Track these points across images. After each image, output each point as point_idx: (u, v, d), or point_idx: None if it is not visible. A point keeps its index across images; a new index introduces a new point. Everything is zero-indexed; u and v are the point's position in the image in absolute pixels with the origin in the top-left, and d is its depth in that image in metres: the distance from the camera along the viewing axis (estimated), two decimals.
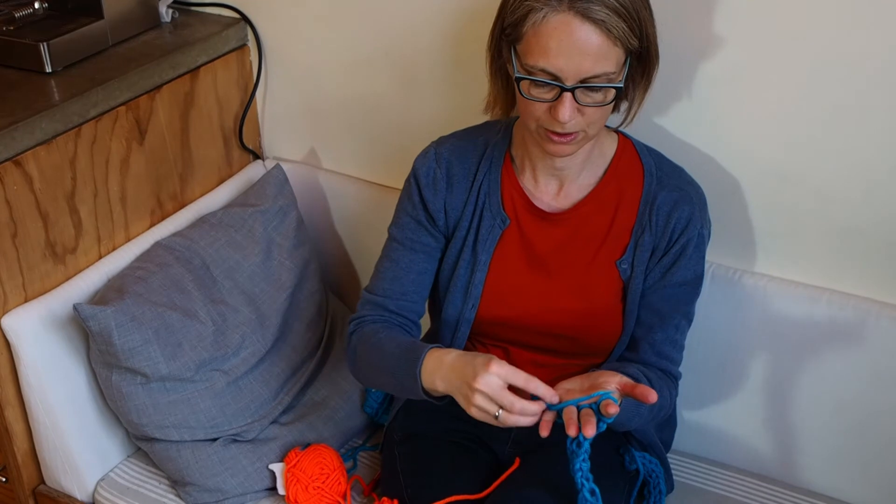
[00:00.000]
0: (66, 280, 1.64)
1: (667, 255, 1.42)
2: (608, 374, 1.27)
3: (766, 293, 1.57)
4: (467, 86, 1.68)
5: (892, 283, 1.52)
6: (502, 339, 1.50)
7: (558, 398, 1.24)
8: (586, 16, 1.20)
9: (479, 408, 1.24)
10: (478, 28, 1.52)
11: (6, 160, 1.49)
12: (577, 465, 1.26)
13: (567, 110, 1.25)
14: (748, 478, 1.67)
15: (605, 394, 1.22)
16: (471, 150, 1.46)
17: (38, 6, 1.71)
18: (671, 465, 1.62)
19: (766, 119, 1.50)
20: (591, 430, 1.20)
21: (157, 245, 1.72)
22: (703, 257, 1.44)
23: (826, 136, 1.47)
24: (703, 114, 1.53)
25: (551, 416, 1.25)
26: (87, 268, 1.67)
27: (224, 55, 1.84)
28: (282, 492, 1.60)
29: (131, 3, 1.78)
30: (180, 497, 1.63)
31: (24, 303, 1.58)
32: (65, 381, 1.61)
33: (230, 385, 1.66)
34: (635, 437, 1.51)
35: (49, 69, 1.64)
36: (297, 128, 1.95)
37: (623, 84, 1.27)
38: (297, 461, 1.59)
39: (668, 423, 1.62)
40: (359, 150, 1.90)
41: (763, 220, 1.57)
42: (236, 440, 1.64)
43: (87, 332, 1.57)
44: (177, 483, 1.64)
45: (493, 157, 1.45)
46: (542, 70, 1.24)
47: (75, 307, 1.52)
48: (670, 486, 1.58)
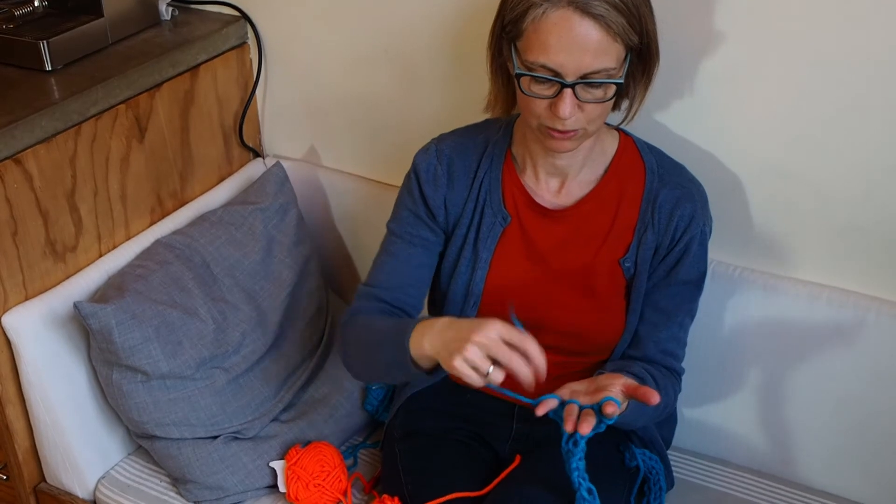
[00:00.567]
0: (67, 278, 1.64)
1: (671, 254, 1.42)
2: (613, 377, 1.27)
3: (766, 291, 1.57)
4: (467, 83, 1.68)
5: (893, 280, 1.52)
6: None
7: (545, 364, 1.21)
8: (586, 11, 1.21)
9: (469, 361, 1.18)
10: (477, 26, 1.52)
11: (6, 158, 1.49)
12: (573, 465, 1.26)
13: (567, 106, 1.25)
14: (748, 475, 1.68)
15: (608, 396, 1.22)
16: (472, 147, 1.46)
17: (37, 4, 1.71)
18: (671, 462, 1.62)
19: (767, 117, 1.50)
20: (586, 427, 1.19)
21: (158, 243, 1.72)
22: (706, 254, 1.45)
23: (826, 134, 1.47)
24: (703, 112, 1.53)
25: (553, 402, 1.23)
26: (88, 266, 1.66)
27: (224, 53, 1.84)
28: (282, 489, 1.60)
29: (131, 2, 1.78)
30: (181, 495, 1.63)
31: (25, 301, 1.57)
32: (65, 379, 1.61)
33: (231, 383, 1.66)
34: (636, 433, 1.52)
35: (49, 67, 1.64)
36: (297, 125, 1.95)
37: (623, 80, 1.27)
38: (298, 459, 1.59)
39: (669, 421, 1.62)
40: (359, 147, 1.90)
41: (763, 218, 1.57)
42: (237, 438, 1.64)
43: (87, 331, 1.57)
44: (177, 481, 1.64)
45: (494, 154, 1.45)
46: (543, 66, 1.24)
47: (76, 305, 1.52)
48: (670, 483, 1.58)
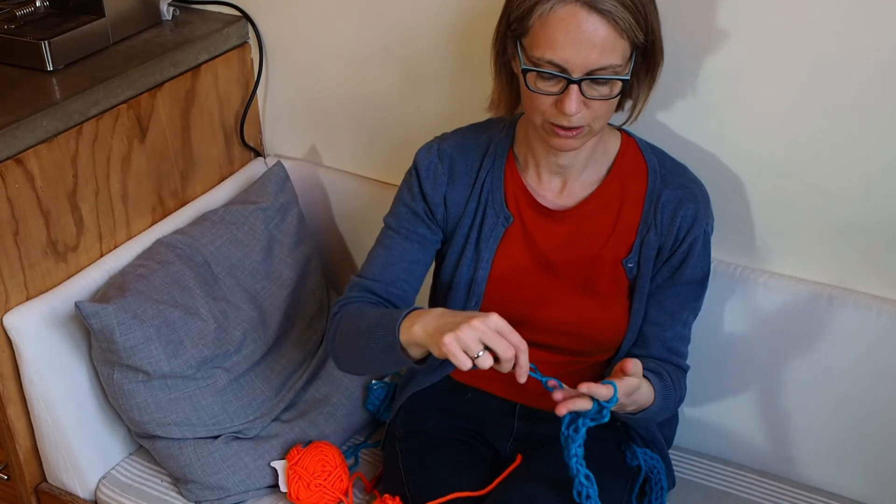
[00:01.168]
0: (68, 278, 1.64)
1: (674, 255, 1.42)
2: (626, 362, 1.27)
3: (767, 289, 1.57)
4: (469, 83, 1.68)
5: (894, 279, 1.52)
6: None
7: (526, 372, 1.20)
8: (593, 7, 1.21)
9: (460, 341, 1.16)
10: (480, 25, 1.52)
11: (7, 158, 1.49)
12: (572, 451, 1.26)
13: (573, 102, 1.25)
14: (749, 474, 1.68)
15: (606, 381, 1.24)
16: (474, 147, 1.46)
17: (39, 4, 1.71)
18: (672, 461, 1.62)
19: (768, 116, 1.50)
20: (580, 404, 1.21)
21: (159, 243, 1.72)
22: (710, 254, 1.45)
23: (827, 133, 1.47)
24: (704, 111, 1.53)
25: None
26: (89, 266, 1.67)
27: (225, 53, 1.84)
28: (283, 489, 1.60)
29: (132, 1, 1.78)
30: (182, 495, 1.63)
31: (26, 301, 1.57)
32: (66, 378, 1.61)
33: (232, 382, 1.66)
34: (637, 432, 1.52)
35: (50, 67, 1.64)
36: (298, 125, 1.95)
37: (629, 77, 1.27)
38: (299, 458, 1.59)
39: (670, 420, 1.62)
40: (360, 147, 1.90)
41: (764, 217, 1.57)
42: (238, 437, 1.64)
43: (88, 330, 1.57)
44: (178, 480, 1.64)
45: (497, 154, 1.45)
46: (549, 62, 1.24)
47: (77, 305, 1.52)
48: (672, 482, 1.58)
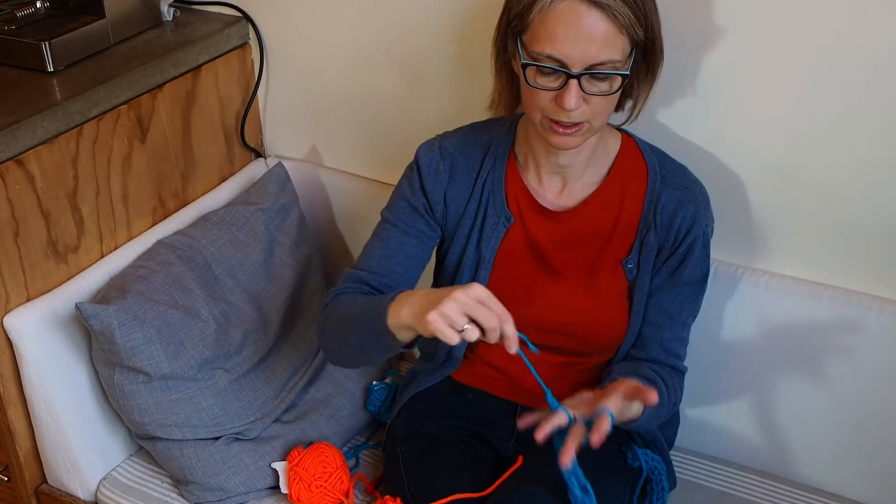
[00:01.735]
0: (68, 279, 1.64)
1: (674, 256, 1.42)
2: (617, 384, 1.27)
3: (767, 290, 1.57)
4: (469, 83, 1.68)
5: (894, 279, 1.52)
6: None
7: (515, 339, 1.20)
8: (593, 1, 1.22)
9: (444, 316, 1.16)
10: (480, 25, 1.52)
11: (8, 159, 1.49)
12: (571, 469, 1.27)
13: (573, 97, 1.25)
14: (750, 474, 1.68)
15: (602, 409, 1.23)
16: (475, 146, 1.46)
17: (39, 5, 1.71)
18: (673, 462, 1.62)
19: (768, 117, 1.50)
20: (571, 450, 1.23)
21: (159, 243, 1.72)
22: (709, 255, 1.45)
23: (827, 133, 1.47)
24: (704, 111, 1.53)
25: (563, 417, 1.24)
26: (89, 266, 1.67)
27: (225, 53, 1.84)
28: (284, 490, 1.60)
29: (133, 2, 1.78)
30: (183, 496, 1.63)
31: (27, 302, 1.57)
32: (67, 380, 1.61)
33: (232, 383, 1.66)
34: (638, 433, 1.51)
35: (51, 68, 1.64)
36: (298, 126, 1.95)
37: (629, 73, 1.27)
38: (300, 460, 1.59)
39: (671, 421, 1.62)
40: (360, 147, 1.90)
41: (765, 217, 1.57)
42: (238, 439, 1.64)
43: (89, 331, 1.57)
44: (179, 482, 1.64)
45: (498, 154, 1.45)
46: (549, 56, 1.24)
47: (77, 306, 1.52)
48: (672, 483, 1.58)
